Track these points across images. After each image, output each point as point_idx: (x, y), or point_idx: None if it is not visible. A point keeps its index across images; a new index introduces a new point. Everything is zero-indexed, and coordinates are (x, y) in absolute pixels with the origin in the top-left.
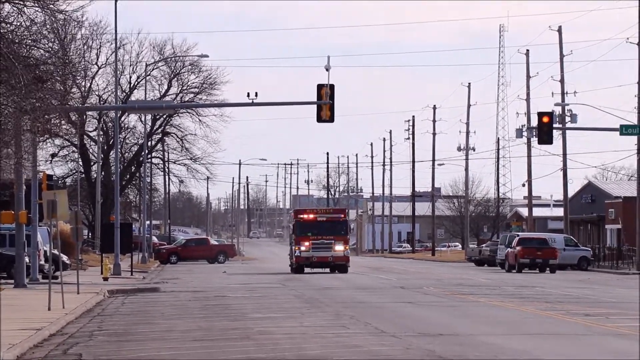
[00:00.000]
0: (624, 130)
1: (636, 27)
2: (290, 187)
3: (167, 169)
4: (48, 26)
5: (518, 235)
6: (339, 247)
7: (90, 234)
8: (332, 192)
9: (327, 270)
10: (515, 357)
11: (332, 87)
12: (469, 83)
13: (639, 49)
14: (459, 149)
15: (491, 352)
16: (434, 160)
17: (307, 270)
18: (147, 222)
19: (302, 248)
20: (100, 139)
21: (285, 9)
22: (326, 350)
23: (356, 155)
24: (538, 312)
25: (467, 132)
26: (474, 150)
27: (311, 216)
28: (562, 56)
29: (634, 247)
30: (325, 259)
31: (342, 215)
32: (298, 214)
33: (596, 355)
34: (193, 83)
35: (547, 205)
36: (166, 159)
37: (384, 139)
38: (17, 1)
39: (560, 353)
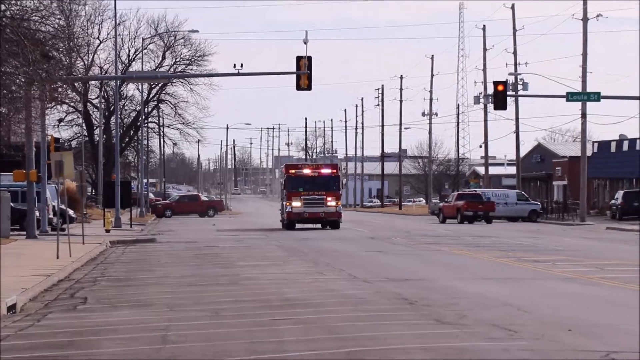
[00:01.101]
0: (570, 97)
1: (581, 4)
2: (273, 149)
3: (162, 133)
4: (55, 4)
5: (477, 190)
6: (331, 203)
7: (93, 191)
8: (310, 154)
9: (319, 226)
10: (471, 299)
11: (309, 58)
12: (432, 55)
13: (583, 24)
14: (423, 114)
15: (451, 295)
16: (400, 124)
17: (298, 226)
18: (145, 180)
19: (294, 204)
20: (102, 106)
21: None
22: (305, 294)
23: (331, 120)
24: (493, 259)
25: (431, 99)
26: (437, 115)
27: (303, 171)
28: (515, 30)
29: (577, 201)
30: (317, 214)
31: (335, 171)
32: (289, 169)
33: (539, 296)
34: (185, 55)
35: (502, 164)
36: (161, 124)
37: (357, 106)
38: None
39: (511, 295)
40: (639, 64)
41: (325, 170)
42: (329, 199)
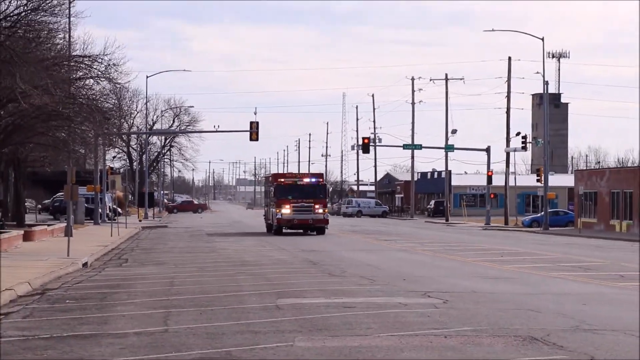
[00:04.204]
0: (405, 146)
1: (410, 95)
2: (235, 174)
3: (172, 165)
4: (111, 90)
5: (352, 199)
6: (319, 210)
7: (132, 197)
8: (258, 178)
9: (302, 231)
10: (349, 261)
11: (257, 123)
12: (327, 122)
13: (412, 106)
14: (322, 155)
15: (337, 259)
16: (309, 161)
17: (285, 231)
18: (162, 192)
19: (283, 211)
20: (138, 148)
21: (231, 80)
22: (255, 258)
23: (270, 158)
24: (361, 238)
25: (327, 147)
26: (330, 156)
27: (291, 180)
28: (374, 108)
29: (409, 206)
30: (305, 221)
31: (321, 180)
32: (278, 178)
33: (387, 260)
34: (185, 120)
35: (367, 184)
36: (171, 159)
37: (284, 150)
38: (96, 77)
39: (371, 259)
40: (445, 125)
41: (312, 180)
42: (316, 206)
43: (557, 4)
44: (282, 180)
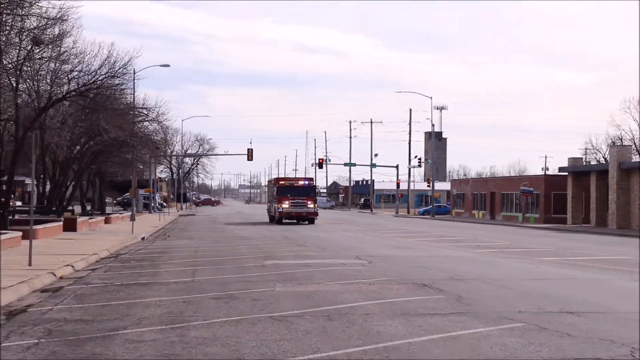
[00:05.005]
0: (345, 164)
1: (348, 131)
2: (238, 182)
3: (197, 175)
4: (159, 129)
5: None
6: (311, 205)
7: (173, 196)
8: (252, 184)
9: (297, 221)
10: (311, 237)
11: (252, 149)
12: (296, 149)
13: (350, 140)
14: (292, 169)
15: (304, 236)
16: (285, 174)
17: (285, 221)
18: (192, 193)
19: (284, 205)
20: (176, 165)
21: (234, 121)
22: (250, 234)
23: (259, 171)
24: (323, 224)
25: (296, 164)
26: (298, 170)
27: (289, 182)
28: (326, 140)
29: (347, 202)
30: (301, 213)
31: (312, 182)
32: (279, 181)
33: (334, 236)
34: (206, 147)
35: (322, 189)
36: (197, 172)
37: (269, 167)
38: (150, 121)
39: (328, 236)
40: (370, 151)
41: (305, 182)
42: (309, 202)
43: (441, 75)
44: (283, 182)
